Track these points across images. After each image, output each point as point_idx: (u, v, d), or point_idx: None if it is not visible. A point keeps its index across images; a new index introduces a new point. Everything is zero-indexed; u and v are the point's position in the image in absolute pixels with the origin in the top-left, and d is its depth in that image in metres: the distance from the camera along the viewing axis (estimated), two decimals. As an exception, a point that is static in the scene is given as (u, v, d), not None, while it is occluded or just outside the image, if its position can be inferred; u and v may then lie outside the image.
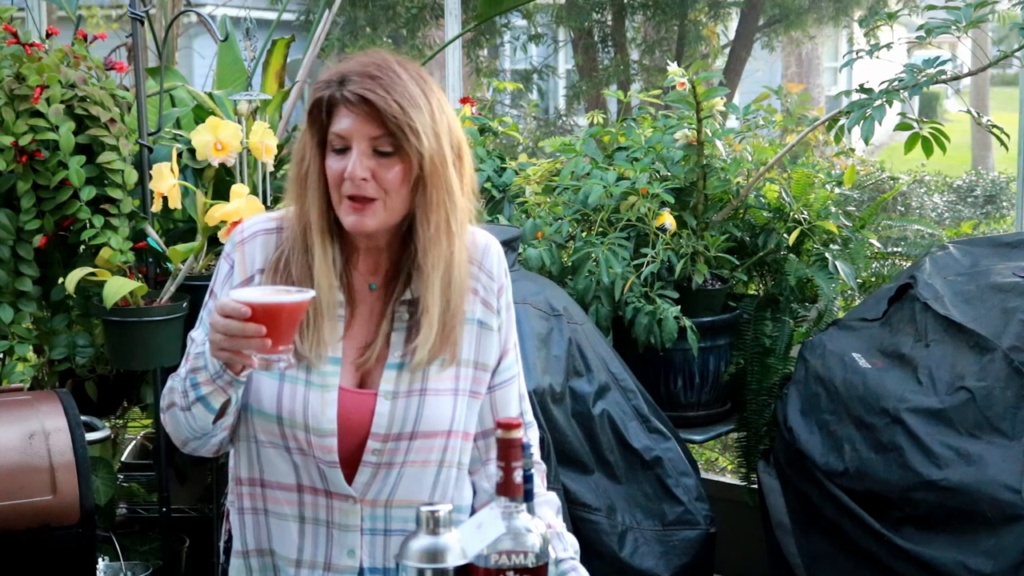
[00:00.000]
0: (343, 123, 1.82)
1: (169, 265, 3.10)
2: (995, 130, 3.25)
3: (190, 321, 2.51)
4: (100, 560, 3.17)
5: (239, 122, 3.07)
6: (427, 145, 1.82)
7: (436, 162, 1.84)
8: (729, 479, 3.84)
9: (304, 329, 1.85)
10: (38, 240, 3.03)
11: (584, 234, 3.41)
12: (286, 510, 1.92)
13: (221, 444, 1.94)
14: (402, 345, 1.91)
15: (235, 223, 2.68)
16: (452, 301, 1.90)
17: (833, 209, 3.45)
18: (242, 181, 3.07)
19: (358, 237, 1.89)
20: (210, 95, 3.57)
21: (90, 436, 2.93)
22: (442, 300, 1.89)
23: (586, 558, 2.91)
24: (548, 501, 2.02)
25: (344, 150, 1.83)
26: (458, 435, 1.95)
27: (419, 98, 1.82)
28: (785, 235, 3.44)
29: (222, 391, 1.81)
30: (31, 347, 3.15)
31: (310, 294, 1.74)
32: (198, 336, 1.92)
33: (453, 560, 1.58)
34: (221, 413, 1.86)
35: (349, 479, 1.90)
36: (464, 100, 4.05)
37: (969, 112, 3.31)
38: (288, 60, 3.58)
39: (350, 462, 1.89)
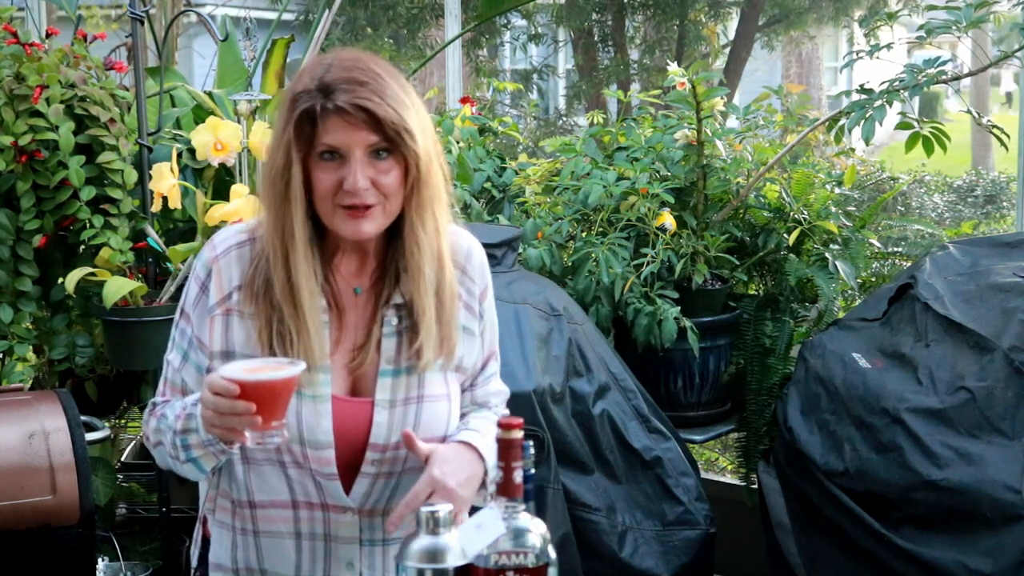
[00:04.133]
0: (336, 134, 1.75)
1: (169, 265, 3.10)
2: (995, 130, 3.25)
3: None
4: (100, 560, 3.17)
5: (239, 122, 3.07)
6: (421, 144, 1.78)
7: (429, 159, 1.80)
8: (729, 479, 3.84)
9: (292, 342, 1.80)
10: (38, 240, 3.03)
11: (584, 234, 3.41)
12: (281, 528, 1.88)
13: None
14: (394, 351, 1.87)
15: (234, 223, 2.67)
16: (445, 301, 1.87)
17: (833, 209, 3.45)
18: (242, 181, 3.07)
19: (348, 241, 1.84)
20: (210, 95, 3.58)
21: (90, 436, 2.93)
22: (436, 300, 1.86)
23: (586, 558, 2.94)
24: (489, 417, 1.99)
25: (334, 159, 1.76)
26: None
27: (405, 98, 1.79)
28: (785, 235, 3.43)
29: (214, 457, 1.80)
30: (31, 347, 3.16)
31: (300, 367, 1.69)
32: (175, 359, 1.89)
33: (453, 560, 1.58)
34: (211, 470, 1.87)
35: (346, 490, 1.86)
36: (464, 100, 4.04)
37: (969, 112, 3.31)
38: (288, 60, 3.58)
39: (347, 472, 1.86)
